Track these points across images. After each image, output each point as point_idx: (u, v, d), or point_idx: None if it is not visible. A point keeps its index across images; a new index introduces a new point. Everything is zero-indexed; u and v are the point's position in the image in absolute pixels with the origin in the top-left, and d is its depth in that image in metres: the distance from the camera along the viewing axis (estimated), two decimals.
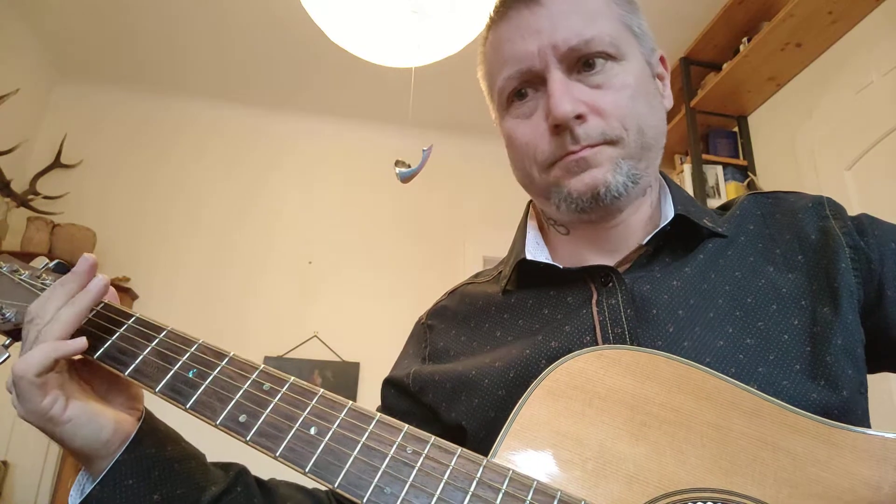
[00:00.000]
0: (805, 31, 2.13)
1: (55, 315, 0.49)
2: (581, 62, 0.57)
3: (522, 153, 0.60)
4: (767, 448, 0.42)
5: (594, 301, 0.56)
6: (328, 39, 1.80)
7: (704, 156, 2.53)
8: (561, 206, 0.59)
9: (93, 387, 0.52)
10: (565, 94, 0.55)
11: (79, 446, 0.48)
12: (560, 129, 0.56)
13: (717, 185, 2.49)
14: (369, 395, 2.72)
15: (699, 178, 2.45)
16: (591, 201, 0.56)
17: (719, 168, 2.52)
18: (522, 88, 0.59)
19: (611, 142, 0.56)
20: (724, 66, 2.47)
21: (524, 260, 0.61)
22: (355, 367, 2.80)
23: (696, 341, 0.51)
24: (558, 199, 0.58)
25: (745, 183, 2.51)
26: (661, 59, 0.64)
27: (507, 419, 0.45)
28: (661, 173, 0.67)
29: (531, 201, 0.71)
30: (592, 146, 0.56)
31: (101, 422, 0.48)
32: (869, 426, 0.49)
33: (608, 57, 0.56)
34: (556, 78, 0.56)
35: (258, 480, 0.58)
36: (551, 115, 0.55)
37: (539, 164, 0.59)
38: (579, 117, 0.55)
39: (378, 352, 2.15)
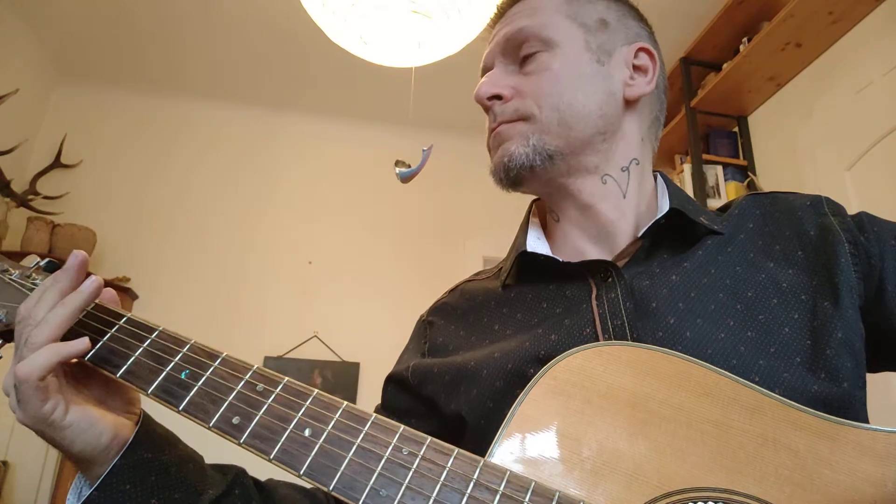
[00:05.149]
0: (805, 31, 2.13)
1: (45, 316, 0.48)
2: (519, 53, 0.63)
3: None
4: (769, 445, 0.41)
5: (594, 296, 0.56)
6: (328, 39, 1.80)
7: (704, 156, 2.52)
8: (495, 183, 0.64)
9: (88, 390, 0.52)
10: (489, 79, 0.63)
11: (78, 451, 0.47)
12: (486, 110, 0.64)
13: (717, 185, 2.49)
14: (369, 396, 2.71)
15: (699, 178, 2.45)
16: (504, 173, 0.61)
17: (719, 168, 2.51)
18: None
19: (524, 118, 0.61)
20: (724, 66, 2.46)
21: (525, 252, 0.62)
22: (355, 367, 2.79)
23: (697, 332, 0.51)
24: (492, 176, 0.64)
25: (745, 183, 2.50)
26: (645, 51, 0.65)
27: (504, 410, 0.45)
28: (660, 174, 0.68)
29: (534, 199, 0.72)
30: (508, 122, 0.62)
31: (101, 427, 0.48)
32: (867, 419, 0.49)
33: (540, 45, 0.62)
34: (495, 68, 0.65)
35: (256, 482, 0.58)
36: (475, 97, 0.63)
37: (487, 148, 0.66)
38: (499, 97, 0.62)
39: (378, 352, 2.14)
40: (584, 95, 0.60)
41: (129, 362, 0.49)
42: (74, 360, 0.51)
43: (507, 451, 0.43)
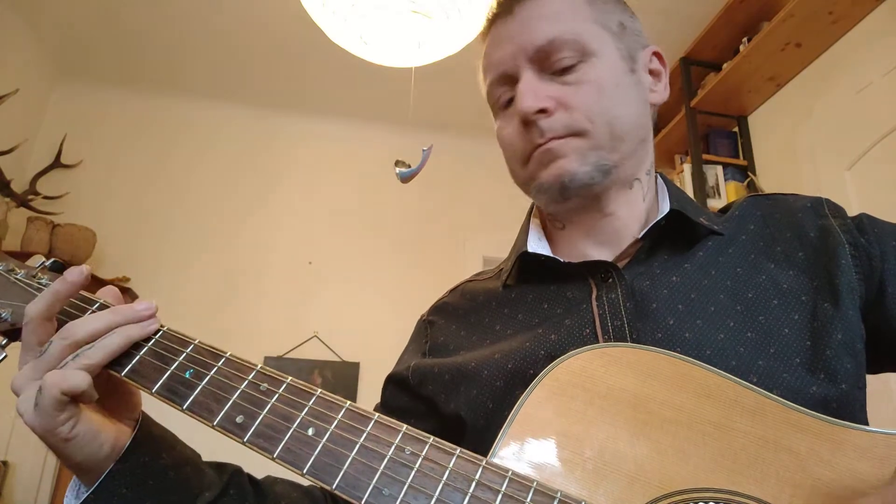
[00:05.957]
0: (805, 31, 2.13)
1: (106, 341, 0.47)
2: (554, 63, 0.59)
3: (507, 151, 0.64)
4: (770, 447, 0.42)
5: (594, 297, 0.57)
6: (328, 39, 1.80)
7: (704, 156, 2.52)
8: (539, 198, 0.62)
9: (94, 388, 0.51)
10: (529, 90, 0.59)
11: (78, 462, 0.47)
12: (528, 123, 0.59)
13: (717, 185, 2.49)
14: (369, 396, 2.71)
15: (699, 178, 2.45)
16: (560, 191, 0.59)
17: (719, 168, 2.52)
18: (509, 94, 0.63)
19: (577, 134, 0.58)
20: (724, 66, 2.47)
21: (525, 253, 0.62)
22: (355, 367, 2.79)
23: (697, 333, 0.51)
24: (536, 192, 0.61)
25: (745, 183, 2.50)
26: (657, 55, 0.65)
27: (504, 410, 0.45)
28: (660, 174, 0.68)
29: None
30: (559, 138, 0.58)
31: (102, 439, 0.47)
32: (866, 421, 0.49)
33: (576, 54, 0.59)
34: (526, 77, 0.60)
35: (252, 480, 0.58)
36: (516, 110, 0.59)
37: (518, 160, 0.62)
38: (544, 111, 0.58)
39: (378, 352, 2.14)
40: (627, 106, 0.60)
41: (133, 361, 0.49)
42: None
43: (509, 452, 0.43)
